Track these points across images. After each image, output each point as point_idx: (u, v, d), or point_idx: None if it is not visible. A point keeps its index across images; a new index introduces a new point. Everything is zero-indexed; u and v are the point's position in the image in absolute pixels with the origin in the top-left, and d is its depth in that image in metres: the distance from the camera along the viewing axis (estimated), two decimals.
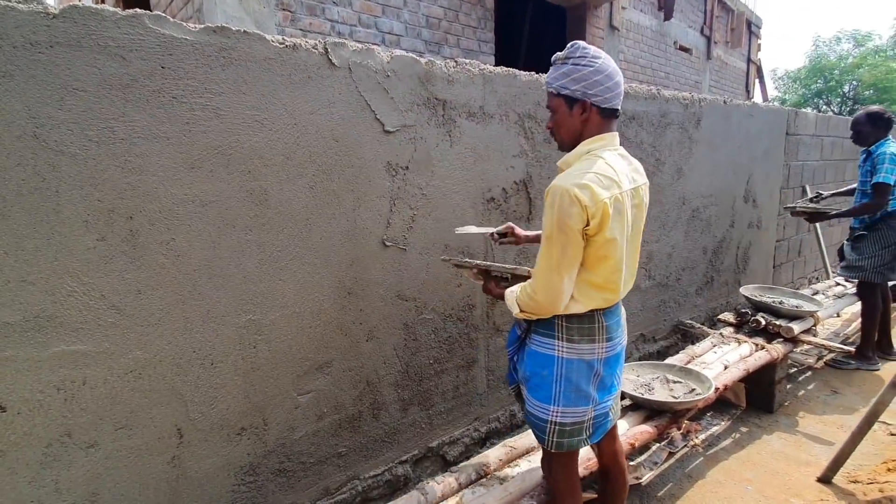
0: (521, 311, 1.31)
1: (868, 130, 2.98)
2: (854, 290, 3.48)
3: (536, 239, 1.66)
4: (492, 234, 1.68)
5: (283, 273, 1.50)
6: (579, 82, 1.24)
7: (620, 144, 1.35)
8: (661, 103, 2.77)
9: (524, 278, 1.38)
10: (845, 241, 3.23)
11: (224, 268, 1.38)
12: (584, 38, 5.41)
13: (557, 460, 1.38)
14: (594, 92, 1.24)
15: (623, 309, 1.42)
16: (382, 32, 3.47)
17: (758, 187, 3.71)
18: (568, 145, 1.32)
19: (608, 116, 1.28)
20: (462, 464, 1.61)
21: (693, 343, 3.17)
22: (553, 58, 1.32)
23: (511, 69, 2.02)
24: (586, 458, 1.61)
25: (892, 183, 2.82)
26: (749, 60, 10.02)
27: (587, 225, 1.18)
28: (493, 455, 1.63)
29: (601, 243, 1.21)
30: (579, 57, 1.25)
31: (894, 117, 3.02)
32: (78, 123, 1.14)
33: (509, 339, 1.48)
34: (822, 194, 3.62)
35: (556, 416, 1.30)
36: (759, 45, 10.10)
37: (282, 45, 1.41)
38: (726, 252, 3.54)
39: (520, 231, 1.67)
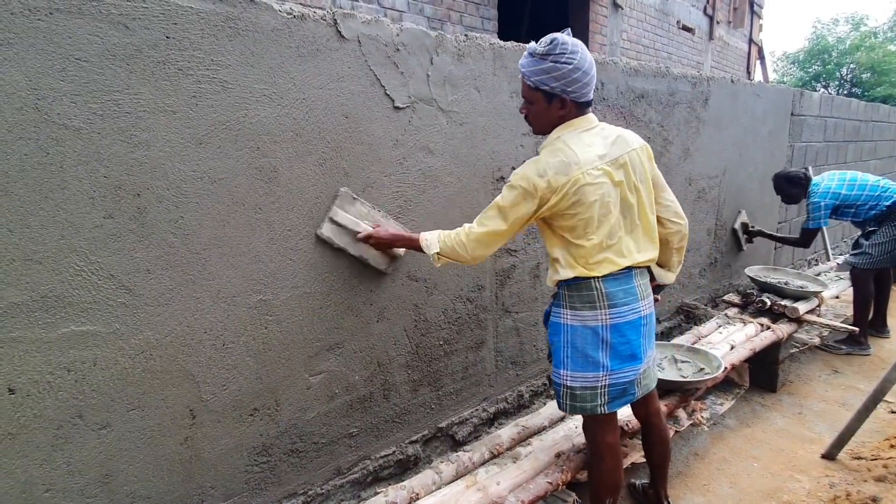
0: (440, 253, 1.41)
1: (797, 192, 3.23)
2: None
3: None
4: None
5: (293, 253, 1.46)
6: (559, 80, 1.27)
7: (629, 126, 1.39)
8: (670, 81, 2.72)
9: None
10: (860, 236, 3.33)
11: (234, 247, 1.35)
12: (587, 16, 5.29)
13: (587, 423, 1.47)
14: (573, 89, 1.28)
15: (640, 279, 1.43)
16: (384, 7, 3.36)
17: (762, 169, 3.68)
18: (544, 132, 1.40)
19: (584, 106, 1.35)
20: (475, 443, 1.61)
21: (697, 324, 3.18)
22: (530, 49, 1.31)
23: (521, 44, 1.96)
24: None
25: (818, 227, 3.17)
26: (750, 41, 9.90)
27: (542, 206, 1.29)
28: (505, 434, 1.63)
29: (570, 215, 1.29)
30: (559, 54, 1.26)
31: (807, 173, 3.22)
32: (81, 95, 1.09)
33: (545, 313, 1.53)
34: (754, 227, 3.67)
35: (566, 380, 1.38)
36: (761, 25, 9.96)
37: (289, 16, 1.36)
38: (730, 233, 3.53)
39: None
